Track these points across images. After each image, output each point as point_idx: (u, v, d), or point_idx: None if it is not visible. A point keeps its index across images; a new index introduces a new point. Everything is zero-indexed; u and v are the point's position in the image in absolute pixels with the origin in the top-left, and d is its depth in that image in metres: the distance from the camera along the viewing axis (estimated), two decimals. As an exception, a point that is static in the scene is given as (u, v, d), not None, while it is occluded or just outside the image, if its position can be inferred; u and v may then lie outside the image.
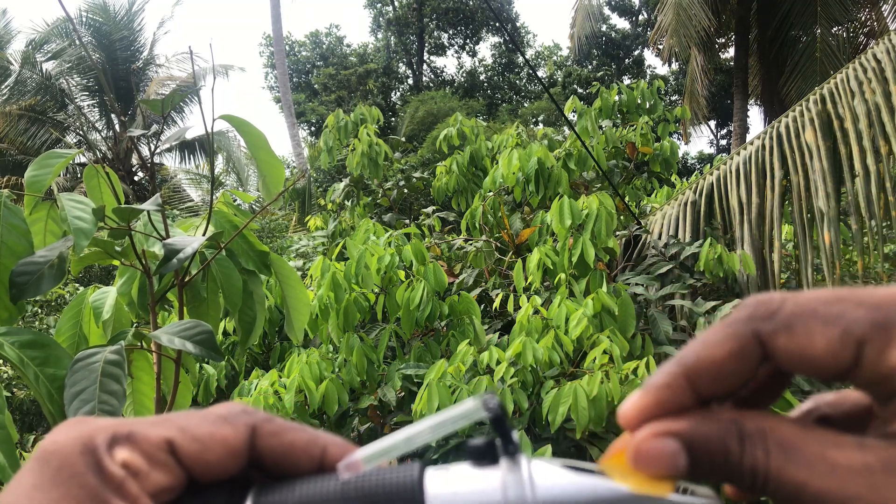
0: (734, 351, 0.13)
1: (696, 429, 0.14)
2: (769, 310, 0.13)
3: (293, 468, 0.15)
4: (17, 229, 0.49)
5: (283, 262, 0.64)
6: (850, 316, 0.13)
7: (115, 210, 0.50)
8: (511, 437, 0.15)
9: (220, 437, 0.15)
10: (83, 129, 6.03)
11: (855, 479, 0.12)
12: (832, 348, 0.13)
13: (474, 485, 0.14)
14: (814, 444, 0.13)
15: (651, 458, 0.14)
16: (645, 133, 2.00)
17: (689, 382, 0.14)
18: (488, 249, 1.74)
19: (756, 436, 0.13)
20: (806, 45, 4.72)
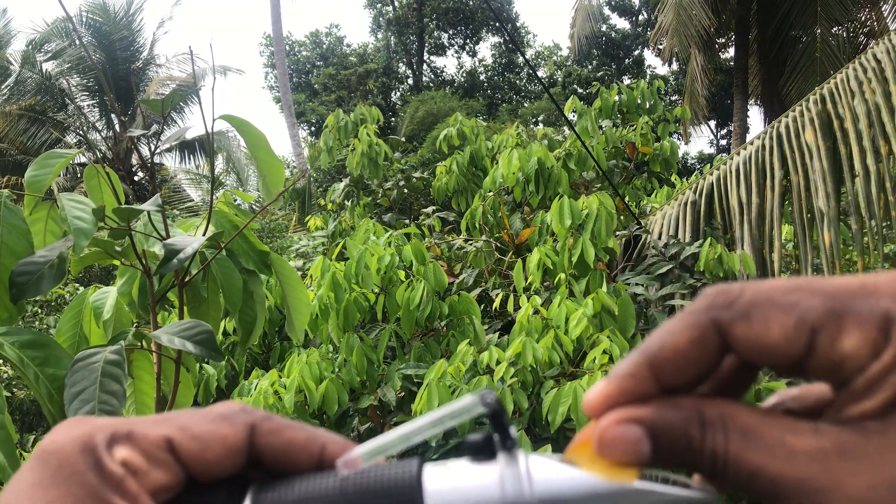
0: (694, 339, 0.14)
1: (659, 415, 0.14)
2: (728, 299, 0.14)
3: (292, 466, 0.16)
4: (17, 229, 0.49)
5: (284, 262, 0.64)
6: (805, 304, 0.13)
7: (116, 210, 0.50)
8: (508, 433, 0.14)
9: (219, 435, 0.15)
10: (83, 129, 6.04)
11: (810, 463, 0.12)
12: (787, 336, 0.13)
13: (472, 480, 0.14)
14: (772, 429, 0.13)
15: (614, 444, 0.14)
16: (645, 133, 2.01)
17: (653, 371, 0.14)
18: (488, 249, 1.74)
19: (717, 422, 0.13)
20: (806, 45, 4.72)
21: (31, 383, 0.43)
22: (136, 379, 0.55)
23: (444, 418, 0.15)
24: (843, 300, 0.13)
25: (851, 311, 0.13)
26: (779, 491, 0.13)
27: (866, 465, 0.12)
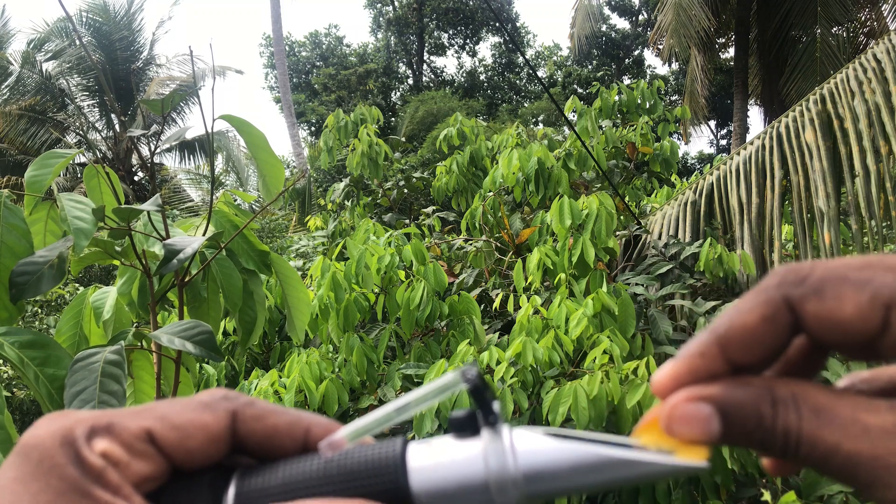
0: (766, 316, 0.13)
1: (730, 393, 0.13)
2: (799, 276, 0.13)
3: (277, 451, 0.15)
4: (17, 229, 0.49)
5: (284, 262, 0.64)
6: (879, 280, 0.13)
7: (115, 210, 0.50)
8: (491, 408, 0.14)
9: (200, 423, 0.14)
10: (83, 130, 6.03)
11: (886, 438, 0.12)
12: (861, 312, 0.13)
13: (456, 456, 0.14)
14: (846, 407, 0.13)
15: (684, 421, 0.13)
16: (645, 133, 2.00)
17: (722, 350, 0.14)
18: (488, 249, 1.74)
19: (789, 400, 0.13)
20: (806, 45, 4.72)
21: (30, 383, 0.43)
22: (136, 379, 0.55)
23: (426, 395, 0.15)
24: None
25: None
26: (856, 469, 0.12)
27: None
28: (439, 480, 0.14)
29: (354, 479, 0.14)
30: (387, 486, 0.14)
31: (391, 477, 0.14)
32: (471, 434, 0.14)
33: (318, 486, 0.14)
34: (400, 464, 0.14)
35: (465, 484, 0.14)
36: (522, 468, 0.14)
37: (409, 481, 0.14)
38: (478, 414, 0.14)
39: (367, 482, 0.14)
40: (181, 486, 0.15)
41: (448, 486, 0.14)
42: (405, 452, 0.14)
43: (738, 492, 0.90)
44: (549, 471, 0.14)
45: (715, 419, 0.13)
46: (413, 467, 0.14)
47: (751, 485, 0.91)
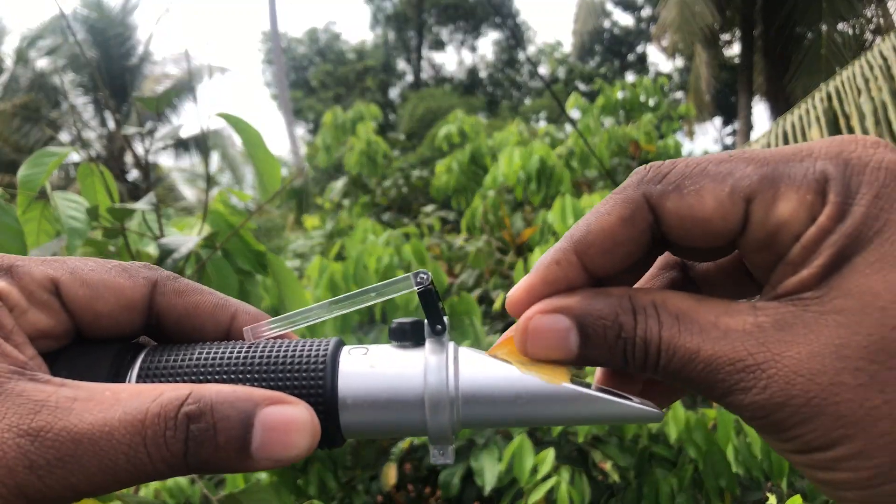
0: (624, 217, 0.12)
1: (588, 304, 0.13)
2: (659, 172, 0.13)
3: (197, 332, 0.14)
4: (10, 229, 0.47)
5: (281, 262, 0.63)
6: (738, 172, 0.12)
7: (110, 209, 0.48)
8: (440, 316, 0.13)
9: (114, 285, 0.13)
10: (77, 127, 5.99)
11: (746, 339, 0.11)
12: (722, 206, 0.12)
13: (394, 365, 0.13)
14: (707, 312, 0.12)
15: (540, 336, 0.12)
16: (648, 131, 1.99)
17: (580, 257, 0.13)
18: (489, 249, 1.73)
19: (649, 308, 0.12)
20: (811, 41, 4.69)
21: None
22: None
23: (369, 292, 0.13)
24: (778, 165, 0.12)
25: (786, 176, 0.12)
26: (715, 373, 0.11)
27: (804, 335, 0.11)
28: (370, 388, 0.12)
29: (278, 371, 0.13)
30: (312, 384, 0.12)
31: (318, 375, 0.12)
32: (414, 345, 0.13)
33: (236, 374, 0.13)
34: (330, 363, 0.13)
35: (398, 396, 0.12)
36: (462, 389, 0.12)
37: (336, 384, 0.12)
38: (425, 325, 0.13)
39: (290, 376, 0.12)
40: (82, 352, 0.13)
41: (379, 395, 0.12)
42: (338, 353, 0.13)
43: (744, 496, 0.90)
44: (491, 395, 0.12)
45: (573, 332, 0.12)
46: (344, 371, 0.13)
47: (756, 489, 0.91)
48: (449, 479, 0.89)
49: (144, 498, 0.39)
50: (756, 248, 0.12)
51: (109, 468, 0.11)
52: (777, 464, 0.74)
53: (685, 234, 0.13)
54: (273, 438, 0.11)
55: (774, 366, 0.11)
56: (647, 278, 0.15)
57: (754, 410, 0.11)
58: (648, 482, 0.81)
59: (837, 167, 0.11)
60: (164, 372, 0.13)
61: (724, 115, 11.07)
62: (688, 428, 0.77)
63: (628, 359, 0.12)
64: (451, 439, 0.12)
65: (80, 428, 0.11)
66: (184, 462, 0.11)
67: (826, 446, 0.11)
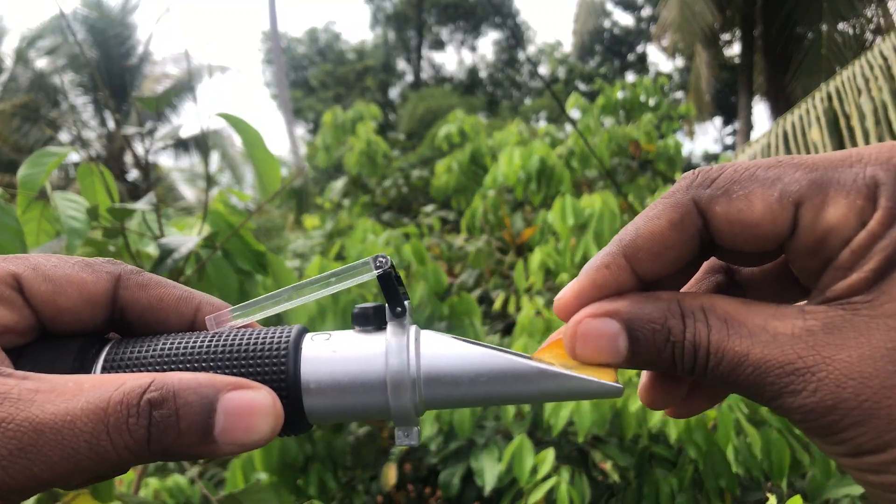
0: (674, 221, 0.13)
1: (637, 308, 0.13)
2: (708, 177, 0.13)
3: (161, 325, 0.14)
4: (10, 229, 0.47)
5: (281, 262, 0.62)
6: (787, 178, 0.12)
7: (110, 209, 0.48)
8: (399, 299, 0.13)
9: (76, 280, 0.13)
10: (77, 127, 5.99)
11: (795, 343, 0.11)
12: (771, 210, 0.12)
13: (355, 349, 0.13)
14: (755, 316, 0.12)
15: (589, 340, 0.13)
16: (649, 131, 1.99)
17: (629, 261, 0.13)
18: (489, 249, 1.73)
19: (697, 312, 0.12)
20: (812, 41, 4.69)
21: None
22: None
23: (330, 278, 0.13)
24: (827, 171, 0.12)
25: (836, 181, 0.12)
26: (764, 377, 0.11)
27: (855, 338, 0.11)
28: (333, 372, 0.12)
29: (241, 358, 0.13)
30: (275, 370, 0.12)
31: (280, 361, 0.13)
32: (375, 329, 0.13)
33: (199, 362, 0.13)
34: (292, 349, 0.13)
35: (361, 379, 0.12)
36: (424, 369, 0.12)
37: (299, 369, 0.12)
38: (386, 309, 0.13)
39: (253, 363, 0.13)
40: (47, 346, 0.13)
41: (342, 379, 0.12)
42: (300, 339, 0.13)
43: (744, 496, 0.90)
44: (452, 375, 0.12)
45: (622, 336, 0.12)
46: (307, 356, 0.13)
47: (756, 489, 0.90)
48: (449, 479, 0.89)
49: (144, 498, 0.39)
50: (804, 252, 0.12)
51: (72, 457, 0.11)
52: (777, 464, 0.74)
53: (734, 239, 0.13)
54: (235, 423, 0.11)
55: (825, 369, 0.11)
56: (692, 283, 0.15)
57: (805, 413, 0.11)
58: (648, 482, 0.81)
59: (888, 173, 0.11)
60: (129, 363, 0.13)
61: (725, 115, 11.07)
62: (688, 428, 0.77)
63: (677, 362, 0.12)
64: (414, 420, 0.12)
65: (41, 418, 0.11)
66: (147, 448, 0.11)
67: (878, 449, 0.11)
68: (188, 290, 0.14)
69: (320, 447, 0.90)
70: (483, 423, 0.96)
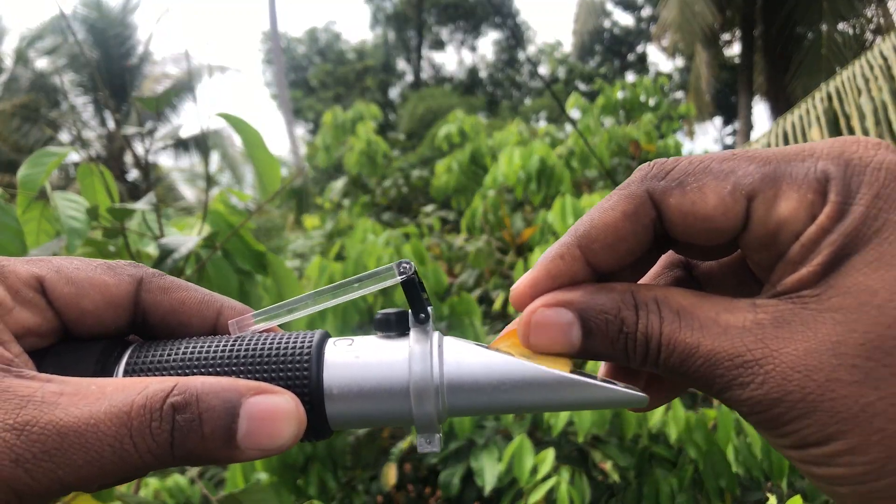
0: (627, 212, 0.13)
1: (591, 298, 0.13)
2: (663, 169, 0.13)
3: (183, 328, 0.14)
4: (9, 229, 0.47)
5: (281, 263, 0.62)
6: (741, 171, 0.12)
7: (110, 209, 0.48)
8: (423, 306, 0.13)
9: (99, 282, 0.13)
10: (77, 127, 5.99)
11: (745, 336, 0.12)
12: (723, 203, 0.12)
13: (378, 355, 0.13)
14: (708, 309, 0.12)
15: (542, 329, 0.13)
16: (649, 131, 1.99)
17: (583, 251, 0.13)
18: (489, 249, 1.73)
19: (650, 303, 0.12)
20: (812, 41, 4.69)
21: None
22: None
23: (354, 283, 0.13)
24: (780, 164, 0.12)
25: (788, 175, 0.12)
26: (714, 368, 0.12)
27: (802, 332, 0.11)
28: (356, 378, 0.12)
29: (263, 363, 0.13)
30: (297, 376, 0.12)
31: (303, 367, 0.13)
32: (398, 335, 0.13)
33: (222, 367, 0.13)
34: (315, 355, 0.13)
35: (383, 386, 0.12)
36: (448, 376, 0.12)
37: (322, 374, 0.12)
38: (409, 315, 0.13)
39: (276, 368, 0.13)
40: (69, 349, 0.13)
41: (364, 385, 0.12)
42: (323, 344, 0.13)
43: (744, 496, 0.90)
44: (476, 382, 0.12)
45: (575, 326, 0.12)
46: (330, 361, 0.13)
47: (756, 489, 0.91)
48: (449, 479, 0.89)
49: (144, 498, 0.39)
50: (757, 246, 0.12)
51: (96, 461, 0.11)
52: (777, 464, 0.74)
53: (687, 231, 0.13)
54: (258, 428, 0.11)
55: (772, 362, 0.11)
56: (650, 276, 0.15)
57: (752, 405, 0.11)
58: (648, 482, 0.81)
59: (839, 167, 0.11)
60: (151, 367, 0.13)
61: (725, 115, 11.08)
62: (688, 428, 0.77)
63: (629, 353, 0.13)
64: (437, 428, 0.12)
65: (65, 422, 0.11)
66: (170, 453, 0.11)
67: (821, 442, 0.11)
68: (210, 293, 0.14)
69: (320, 447, 0.90)
70: (483, 424, 0.96)
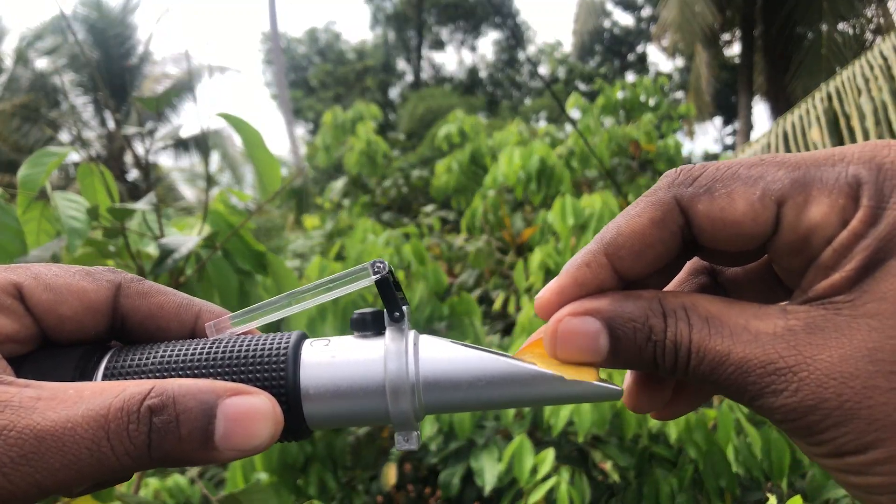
0: (655, 219, 0.13)
1: (618, 306, 0.12)
2: (690, 175, 0.13)
3: (162, 333, 0.14)
4: (10, 229, 0.47)
5: (281, 263, 0.62)
6: (770, 176, 0.12)
7: (110, 209, 0.48)
8: (398, 304, 0.13)
9: (77, 288, 0.13)
10: (77, 127, 5.99)
11: (777, 343, 0.11)
12: (753, 209, 0.12)
13: (354, 355, 0.13)
14: (737, 315, 0.12)
15: (569, 339, 0.12)
16: (649, 131, 1.99)
17: (610, 259, 0.13)
18: (489, 249, 1.73)
19: (679, 311, 0.12)
20: (812, 41, 4.68)
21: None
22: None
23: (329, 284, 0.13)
24: (809, 169, 0.12)
25: (818, 180, 0.12)
26: (745, 376, 0.11)
27: (837, 338, 0.11)
28: (332, 378, 0.12)
29: (240, 364, 0.13)
30: (274, 376, 0.13)
31: (279, 367, 0.13)
32: (374, 334, 0.13)
33: (199, 369, 0.13)
34: (292, 355, 0.13)
35: (360, 384, 0.12)
36: (424, 374, 0.12)
37: (298, 375, 0.13)
38: (384, 314, 0.13)
39: (253, 369, 0.13)
40: (48, 355, 0.13)
41: (341, 385, 0.12)
42: (299, 345, 0.13)
43: (744, 496, 0.90)
44: (451, 379, 0.12)
45: (603, 335, 0.12)
46: (306, 362, 0.13)
47: (756, 489, 0.91)
48: (449, 479, 0.89)
49: (144, 498, 0.39)
50: (787, 252, 0.12)
51: (73, 464, 0.11)
52: (777, 464, 0.74)
53: (716, 237, 0.12)
54: (235, 429, 0.11)
55: (806, 369, 0.11)
56: (675, 283, 0.15)
57: (786, 413, 0.11)
58: (648, 482, 0.81)
59: (870, 171, 0.11)
60: (130, 371, 0.13)
61: (725, 115, 11.07)
62: (688, 428, 0.77)
63: (658, 362, 0.12)
64: (414, 425, 0.12)
65: (42, 426, 0.11)
66: (147, 455, 0.11)
67: (859, 450, 0.11)
68: (188, 297, 0.14)
69: (320, 447, 0.90)
70: (483, 424, 0.96)
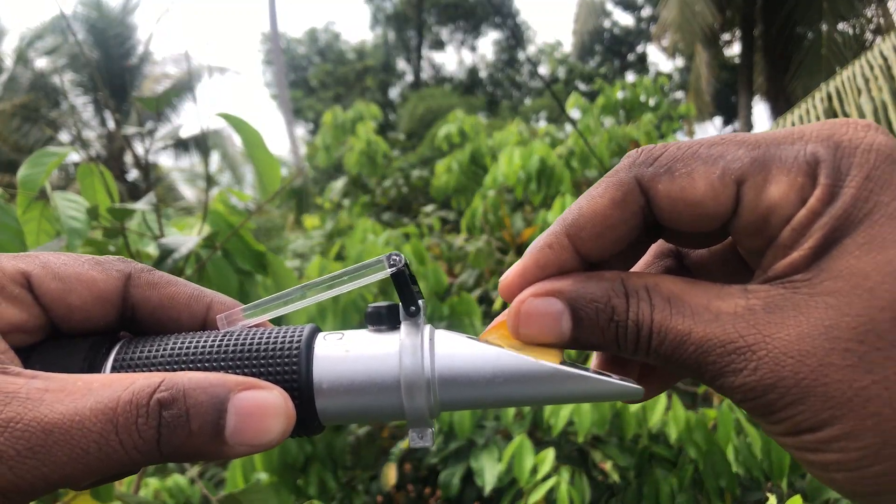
0: (616, 199, 0.12)
1: (581, 287, 0.12)
2: (651, 155, 0.13)
3: (172, 324, 0.14)
4: (10, 229, 0.47)
5: (281, 263, 0.63)
6: (730, 155, 0.12)
7: (110, 209, 0.48)
8: (413, 298, 0.13)
9: (86, 278, 0.13)
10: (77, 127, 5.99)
11: (737, 322, 0.11)
12: (713, 188, 0.12)
13: (369, 349, 0.13)
14: (699, 295, 0.12)
15: (532, 319, 0.12)
16: (649, 131, 1.99)
17: (571, 240, 0.13)
18: (489, 249, 1.73)
19: (641, 291, 0.12)
20: (812, 41, 4.68)
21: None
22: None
23: (344, 276, 0.13)
24: (769, 148, 0.12)
25: (778, 158, 0.12)
26: (706, 355, 0.11)
27: (794, 317, 0.11)
28: (346, 372, 0.12)
29: (252, 358, 0.12)
30: (287, 370, 0.12)
31: (292, 361, 0.12)
32: (389, 328, 0.13)
33: (211, 362, 0.12)
34: (304, 349, 0.12)
35: (374, 380, 0.12)
36: (440, 370, 0.12)
37: (311, 369, 0.12)
38: (399, 308, 0.13)
39: (265, 363, 0.12)
40: (57, 345, 0.13)
41: (355, 379, 0.12)
42: (313, 339, 0.13)
43: (744, 496, 0.90)
44: (468, 376, 0.12)
45: (565, 315, 0.12)
46: (319, 356, 0.13)
47: (756, 489, 0.91)
48: (449, 479, 0.89)
49: (144, 498, 0.39)
50: (747, 231, 0.12)
51: (81, 457, 0.11)
52: (777, 464, 0.74)
53: (677, 217, 0.12)
54: (247, 423, 0.11)
55: (764, 347, 0.11)
56: (641, 266, 0.15)
57: (745, 392, 0.11)
58: (648, 482, 0.81)
59: (828, 150, 0.11)
60: (139, 363, 0.13)
61: (725, 115, 11.08)
62: (688, 428, 0.77)
63: (620, 342, 0.12)
64: (429, 422, 0.12)
65: (50, 418, 0.11)
66: (157, 449, 0.11)
67: (815, 427, 0.11)
68: (199, 288, 0.14)
69: (320, 447, 0.90)
70: (483, 423, 0.96)
